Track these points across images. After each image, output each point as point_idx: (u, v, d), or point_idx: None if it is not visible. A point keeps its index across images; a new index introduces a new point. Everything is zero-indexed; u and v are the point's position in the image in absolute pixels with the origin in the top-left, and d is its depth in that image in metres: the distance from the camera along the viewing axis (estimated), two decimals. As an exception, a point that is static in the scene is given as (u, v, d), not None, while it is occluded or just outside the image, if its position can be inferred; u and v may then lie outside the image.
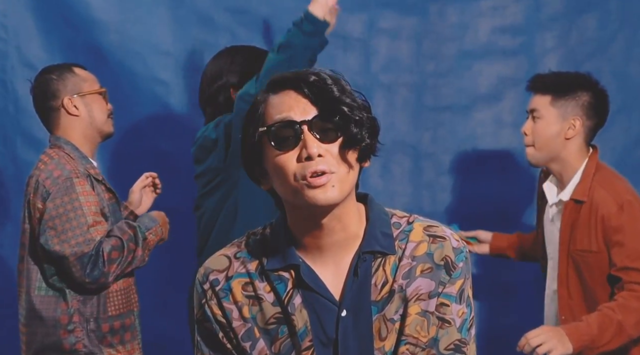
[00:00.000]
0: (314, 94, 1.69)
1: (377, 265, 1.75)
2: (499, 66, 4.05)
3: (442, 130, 4.07)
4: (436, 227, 1.79)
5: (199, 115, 3.78)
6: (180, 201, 3.77)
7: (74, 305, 3.13)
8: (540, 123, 3.27)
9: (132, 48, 3.99)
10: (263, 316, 1.76)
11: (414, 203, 4.02)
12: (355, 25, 4.03)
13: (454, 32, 4.04)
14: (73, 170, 3.11)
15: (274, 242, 1.77)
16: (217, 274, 1.78)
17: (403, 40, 4.04)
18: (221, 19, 4.02)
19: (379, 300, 1.74)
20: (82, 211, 3.06)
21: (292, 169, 1.68)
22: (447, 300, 1.75)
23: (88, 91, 3.25)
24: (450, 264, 1.76)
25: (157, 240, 3.22)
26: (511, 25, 4.05)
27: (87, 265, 3.02)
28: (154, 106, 3.98)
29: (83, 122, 3.23)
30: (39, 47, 3.97)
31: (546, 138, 3.26)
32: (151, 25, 4.00)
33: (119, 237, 3.09)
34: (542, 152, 3.28)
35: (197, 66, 3.94)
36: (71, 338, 3.12)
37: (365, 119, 1.70)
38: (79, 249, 3.03)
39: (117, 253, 3.07)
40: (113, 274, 3.09)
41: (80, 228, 3.05)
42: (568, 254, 3.25)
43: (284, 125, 1.69)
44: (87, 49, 3.93)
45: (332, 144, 1.69)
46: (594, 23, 4.01)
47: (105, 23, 3.97)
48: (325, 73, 1.72)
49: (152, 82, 3.99)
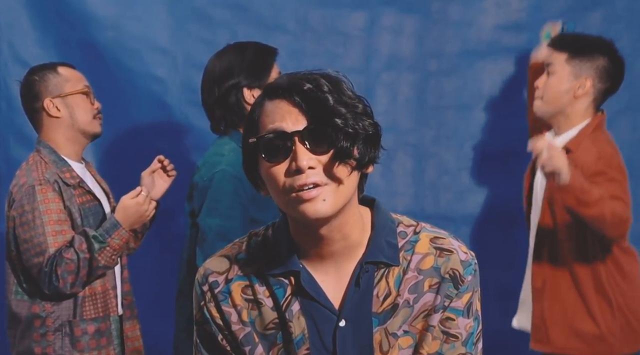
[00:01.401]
0: (306, 103, 1.65)
1: (379, 275, 1.72)
2: (503, 64, 4.05)
3: (445, 129, 4.07)
4: (443, 239, 1.75)
5: (197, 114, 3.78)
6: (176, 202, 3.73)
7: (47, 309, 3.13)
8: (552, 78, 3.39)
9: (128, 45, 3.97)
10: (262, 321, 1.74)
11: (416, 204, 4.03)
12: (356, 22, 4.03)
13: (457, 30, 4.04)
14: (37, 178, 3.11)
15: (276, 246, 1.75)
16: (217, 276, 1.76)
17: (405, 37, 4.04)
18: (219, 16, 4.01)
19: (380, 313, 1.72)
20: (42, 220, 3.07)
21: (282, 181, 1.65)
22: (453, 315, 1.73)
23: (69, 92, 3.23)
24: (458, 277, 1.72)
25: (122, 243, 3.16)
26: (515, 23, 4.05)
27: (44, 279, 3.06)
28: (150, 104, 3.96)
29: (64, 124, 3.22)
30: (33, 43, 3.96)
31: (555, 93, 3.38)
32: (148, 21, 4.00)
33: (74, 250, 3.07)
34: (549, 106, 3.40)
35: (195, 64, 3.93)
36: (42, 342, 3.12)
37: (361, 129, 1.65)
38: (35, 261, 3.06)
39: (72, 265, 3.06)
40: (73, 285, 3.09)
41: (37, 238, 3.06)
42: (552, 195, 3.34)
43: (274, 136, 1.65)
44: (83, 45, 3.93)
45: (324, 155, 1.65)
46: (599, 21, 4.02)
47: (101, 19, 3.96)
48: (325, 78, 1.67)
49: (149, 80, 3.98)
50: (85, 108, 3.25)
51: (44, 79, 3.22)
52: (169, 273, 3.86)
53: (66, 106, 3.22)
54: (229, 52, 3.32)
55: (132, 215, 3.17)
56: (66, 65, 3.30)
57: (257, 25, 3.99)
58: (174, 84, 4.00)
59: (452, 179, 4.07)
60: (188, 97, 3.97)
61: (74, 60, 3.61)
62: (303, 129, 1.64)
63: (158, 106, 3.98)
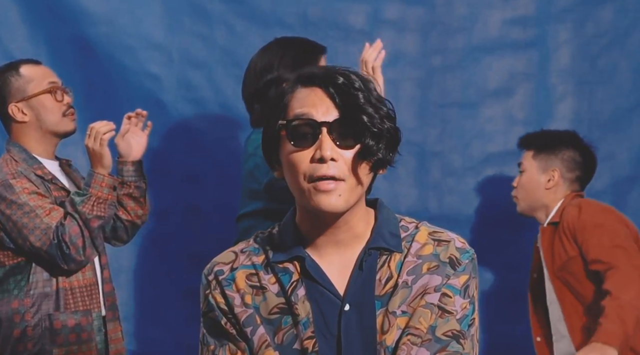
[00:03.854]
0: (339, 96, 1.74)
1: (382, 261, 1.81)
2: (510, 60, 4.03)
3: (450, 127, 4.04)
4: (441, 233, 1.86)
5: (193, 112, 3.86)
6: (172, 203, 3.82)
7: (27, 304, 3.11)
8: (524, 176, 3.68)
9: (121, 40, 3.93)
10: (266, 306, 1.81)
11: (420, 205, 4.01)
12: (357, 16, 4.01)
13: (462, 24, 4.02)
14: (9, 172, 3.11)
15: (281, 237, 1.84)
16: (222, 266, 1.85)
17: (408, 32, 4.02)
18: (216, 10, 3.98)
19: (382, 295, 1.79)
20: (29, 206, 3.07)
21: (304, 169, 1.74)
22: (450, 292, 1.80)
23: (33, 93, 3.19)
24: (455, 260, 1.82)
25: (106, 187, 3.13)
26: (522, 17, 4.02)
27: (57, 252, 3.06)
28: (144, 102, 3.82)
29: (33, 127, 3.19)
30: (23, 39, 3.91)
31: (528, 188, 3.66)
32: (142, 16, 3.96)
33: (69, 215, 3.09)
34: (526, 202, 3.67)
35: (190, 60, 3.96)
36: (23, 337, 3.11)
37: (385, 131, 1.74)
38: (43, 240, 3.06)
39: (75, 228, 3.08)
40: (84, 249, 3.09)
41: (33, 221, 3.06)
42: (555, 277, 3.54)
43: (304, 122, 1.75)
44: (74, 41, 3.90)
45: (348, 150, 1.74)
46: (610, 14, 4.00)
47: (94, 14, 3.91)
48: (355, 75, 1.77)
49: (143, 77, 3.94)
50: (52, 108, 3.20)
51: (6, 83, 3.18)
52: (166, 273, 3.95)
53: (32, 109, 3.19)
54: (272, 46, 3.38)
55: (100, 158, 3.13)
56: (29, 63, 3.25)
57: (255, 19, 3.98)
58: (169, 81, 3.98)
59: (456, 179, 4.05)
60: (184, 94, 3.97)
61: (66, 56, 3.71)
62: (333, 120, 1.73)
63: (152, 104, 3.88)
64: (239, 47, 3.93)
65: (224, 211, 3.87)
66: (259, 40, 3.88)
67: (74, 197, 3.10)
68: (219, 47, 3.96)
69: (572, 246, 3.49)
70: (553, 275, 3.54)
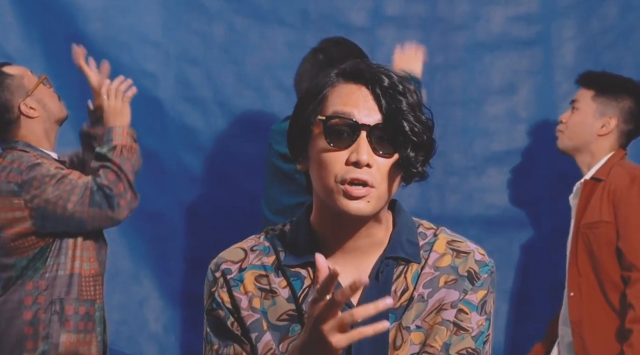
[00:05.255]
0: (385, 99, 1.68)
1: (399, 272, 1.77)
2: (513, 57, 4.02)
3: (452, 126, 4.02)
4: (460, 243, 1.81)
5: (190, 111, 3.84)
6: (168, 205, 3.84)
7: (41, 286, 3.15)
8: (577, 114, 3.56)
9: (117, 38, 3.92)
10: (275, 311, 1.76)
11: (422, 205, 3.99)
12: (358, 13, 4.00)
13: (465, 21, 4.01)
14: (31, 156, 3.17)
15: (294, 237, 1.79)
16: (231, 265, 1.79)
17: (410, 29, 3.99)
18: (214, 7, 3.97)
19: (397, 308, 1.75)
20: (61, 174, 3.13)
21: (336, 169, 1.69)
22: (466, 308, 1.76)
23: (33, 87, 3.26)
24: (474, 274, 1.78)
25: (127, 136, 3.23)
26: (526, 14, 4.01)
27: (102, 201, 3.12)
28: (141, 101, 3.75)
29: (42, 120, 3.26)
30: (16, 37, 3.90)
31: (579, 129, 3.54)
32: (138, 12, 3.95)
33: (100, 169, 3.16)
34: (572, 142, 3.56)
35: (188, 58, 3.94)
36: (33, 320, 3.15)
37: (425, 142, 1.69)
38: (84, 196, 3.12)
39: (111, 175, 3.15)
40: (127, 192, 3.16)
41: (69, 186, 3.12)
42: (578, 230, 3.45)
43: (343, 122, 1.69)
44: (69, 38, 3.80)
45: (386, 158, 1.69)
46: (615, 11, 3.99)
47: (89, 10, 3.91)
48: (398, 78, 1.71)
49: (140, 75, 3.87)
50: (51, 96, 3.30)
51: (5, 87, 3.23)
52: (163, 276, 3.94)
53: (38, 102, 3.26)
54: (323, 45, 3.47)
55: (120, 113, 3.26)
56: (3, 65, 3.30)
57: (254, 17, 3.97)
58: (166, 80, 3.97)
59: (459, 178, 4.04)
60: (181, 93, 3.96)
61: (60, 54, 3.65)
62: (374, 124, 1.68)
63: (149, 103, 3.91)
64: (238, 44, 3.93)
65: (222, 212, 3.87)
66: (258, 37, 3.91)
67: (100, 151, 3.18)
68: (217, 45, 3.95)
69: (610, 212, 3.40)
70: (577, 229, 3.46)
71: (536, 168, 3.95)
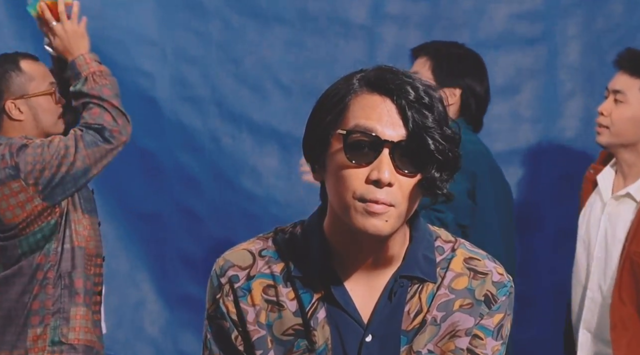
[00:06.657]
0: (411, 113, 1.60)
1: (413, 291, 1.71)
2: (517, 56, 4.00)
3: None
4: (478, 261, 1.74)
5: (187, 111, 3.86)
6: (165, 206, 3.83)
7: (52, 260, 3.11)
8: (623, 107, 3.19)
9: (113, 36, 3.91)
10: (281, 325, 1.71)
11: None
12: (358, 10, 3.98)
13: (467, 19, 4.00)
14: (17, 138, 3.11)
15: (305, 245, 1.72)
16: (238, 271, 1.73)
17: (411, 27, 3.99)
18: (212, 4, 3.97)
19: (409, 330, 1.70)
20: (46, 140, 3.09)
21: (355, 186, 1.61)
22: (482, 333, 1.71)
23: (34, 93, 3.17)
24: (491, 297, 1.72)
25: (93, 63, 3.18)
26: (530, 11, 3.99)
27: (95, 138, 3.08)
28: (136, 100, 3.85)
29: (27, 126, 3.18)
30: (9, 35, 3.90)
31: (626, 125, 3.17)
32: (134, 10, 3.95)
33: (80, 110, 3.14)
34: (618, 138, 3.20)
35: (185, 56, 3.95)
36: (41, 295, 3.12)
37: (451, 160, 1.61)
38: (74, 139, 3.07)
39: (96, 110, 3.12)
40: (117, 119, 3.14)
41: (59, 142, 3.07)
42: (626, 255, 3.14)
43: (366, 138, 1.61)
44: None
45: (407, 177, 1.61)
46: (621, 9, 3.96)
47: (84, 8, 3.72)
48: (424, 88, 1.62)
49: (136, 74, 3.92)
50: (51, 109, 3.21)
51: (6, 78, 3.16)
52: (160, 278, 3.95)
53: (30, 108, 3.18)
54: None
55: (81, 39, 3.23)
56: (29, 58, 3.23)
57: (252, 15, 3.96)
58: (163, 79, 3.96)
59: None
60: (178, 92, 3.95)
61: None
62: (398, 141, 1.60)
63: (145, 102, 3.93)
64: (236, 43, 3.91)
65: (220, 213, 3.86)
66: (256, 36, 3.89)
67: (74, 89, 3.12)
68: (215, 43, 3.94)
69: None
70: (626, 253, 3.14)
71: (540, 169, 3.95)
